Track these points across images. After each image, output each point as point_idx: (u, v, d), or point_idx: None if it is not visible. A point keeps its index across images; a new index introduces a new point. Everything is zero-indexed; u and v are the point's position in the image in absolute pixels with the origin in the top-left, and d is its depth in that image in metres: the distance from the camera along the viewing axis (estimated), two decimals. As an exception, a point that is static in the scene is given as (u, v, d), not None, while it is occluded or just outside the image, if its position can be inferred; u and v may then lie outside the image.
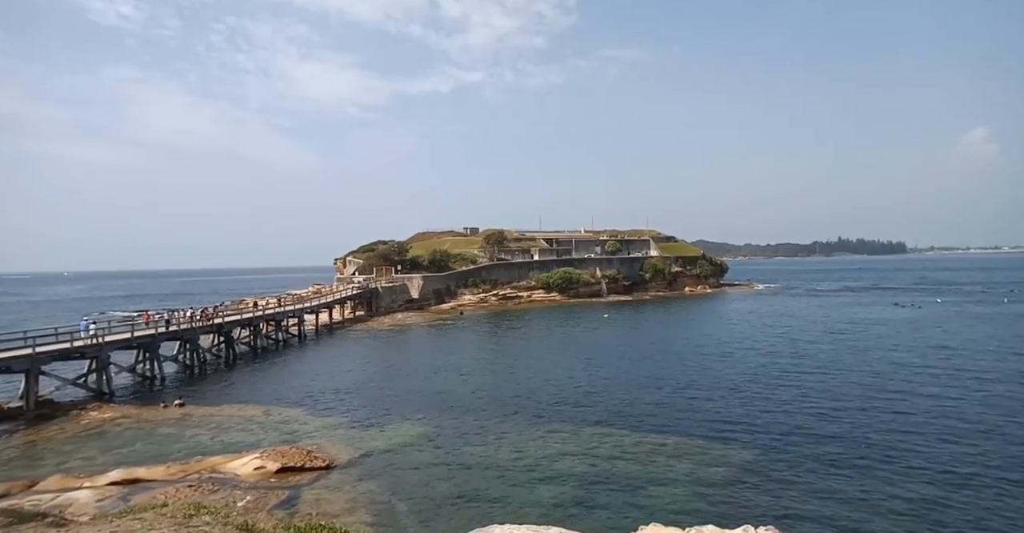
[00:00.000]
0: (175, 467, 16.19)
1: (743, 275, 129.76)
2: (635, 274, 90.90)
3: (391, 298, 68.36)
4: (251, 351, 40.76)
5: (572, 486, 15.21)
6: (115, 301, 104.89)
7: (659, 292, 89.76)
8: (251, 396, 26.62)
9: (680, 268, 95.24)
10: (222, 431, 20.66)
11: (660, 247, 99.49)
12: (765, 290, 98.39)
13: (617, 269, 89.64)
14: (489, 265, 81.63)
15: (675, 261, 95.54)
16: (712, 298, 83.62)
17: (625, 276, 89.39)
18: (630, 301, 79.75)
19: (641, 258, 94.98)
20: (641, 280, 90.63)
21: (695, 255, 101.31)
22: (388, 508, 13.67)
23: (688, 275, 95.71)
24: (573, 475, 15.98)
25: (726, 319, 56.41)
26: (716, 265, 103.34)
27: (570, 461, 17.11)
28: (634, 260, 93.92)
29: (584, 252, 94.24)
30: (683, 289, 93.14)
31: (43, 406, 23.87)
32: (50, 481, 15.04)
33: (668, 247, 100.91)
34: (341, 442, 19.09)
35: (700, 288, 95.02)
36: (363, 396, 26.47)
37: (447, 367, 33.60)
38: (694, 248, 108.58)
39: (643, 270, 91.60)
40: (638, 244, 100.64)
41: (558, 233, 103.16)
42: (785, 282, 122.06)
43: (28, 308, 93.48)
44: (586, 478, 15.77)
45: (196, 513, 5.48)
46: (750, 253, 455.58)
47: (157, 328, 32.43)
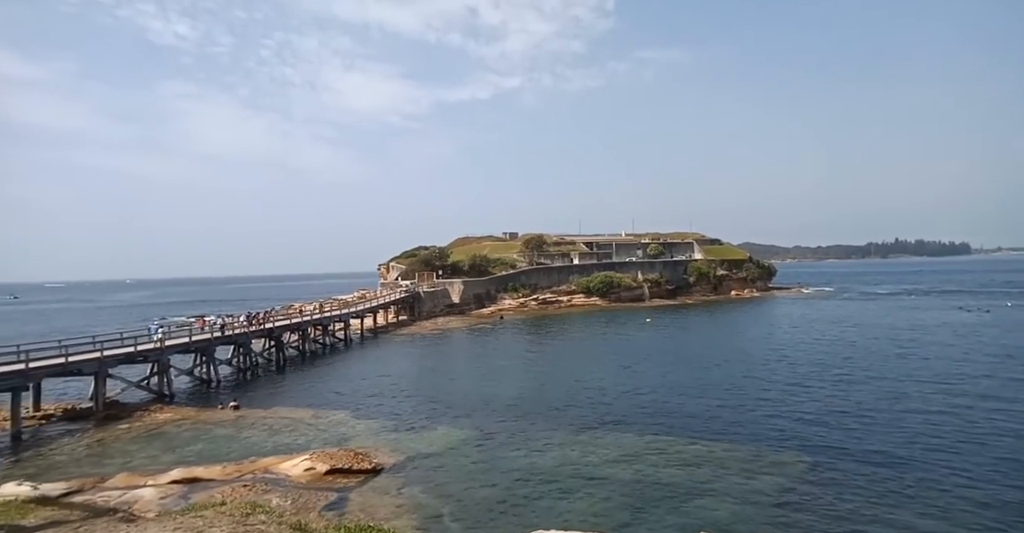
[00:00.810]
0: (231, 467, 16.82)
1: (793, 278, 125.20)
2: (678, 278, 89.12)
3: (433, 303, 69.28)
4: (300, 355, 42.03)
5: (618, 493, 14.97)
6: (173, 307, 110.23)
7: (704, 296, 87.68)
8: (300, 399, 27.40)
9: (726, 271, 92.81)
10: (274, 433, 21.34)
11: (704, 250, 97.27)
12: (816, 294, 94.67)
13: (659, 273, 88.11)
14: (529, 269, 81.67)
15: (720, 264, 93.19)
16: (760, 302, 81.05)
17: (668, 280, 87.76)
18: (673, 305, 78.19)
19: (684, 261, 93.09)
20: (685, 284, 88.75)
21: (741, 258, 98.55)
22: (433, 513, 13.79)
23: (734, 278, 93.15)
24: (619, 481, 15.73)
25: (775, 324, 54.55)
26: (763, 268, 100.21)
27: (615, 467, 16.85)
28: (677, 263, 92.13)
29: (625, 256, 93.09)
30: (729, 293, 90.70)
31: (110, 407, 25.25)
32: (118, 478, 15.90)
33: (713, 250, 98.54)
34: (387, 445, 19.40)
35: (747, 292, 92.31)
36: (407, 400, 26.86)
37: (489, 371, 33.73)
38: (740, 251, 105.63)
39: (687, 274, 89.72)
40: (681, 247, 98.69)
41: (598, 237, 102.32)
42: (838, 285, 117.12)
43: (95, 313, 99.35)
44: (632, 485, 15.49)
45: (252, 512, 5.65)
46: (799, 255, 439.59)
47: (212, 333, 33.89)
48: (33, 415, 23.94)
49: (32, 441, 21.10)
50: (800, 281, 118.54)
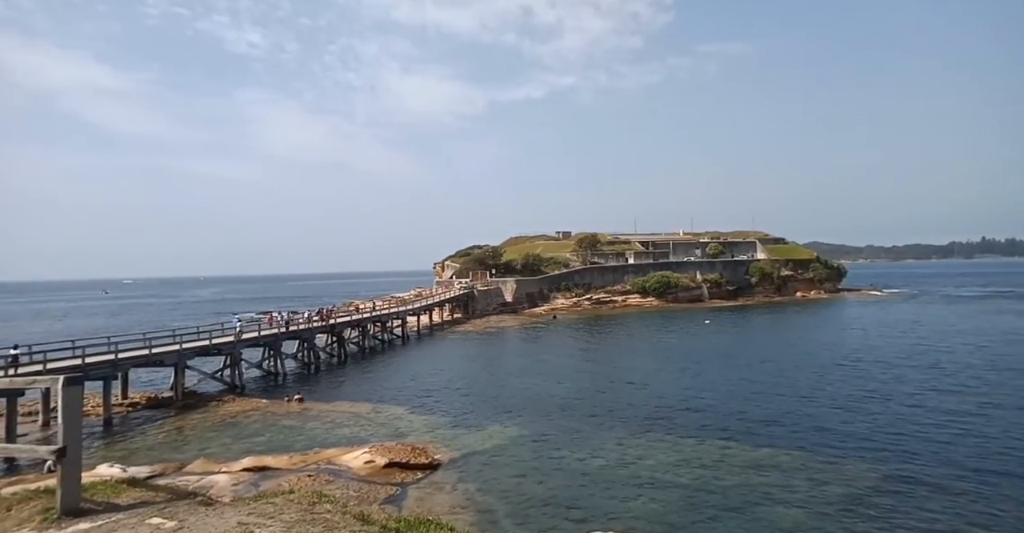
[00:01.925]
0: (296, 457, 17.61)
1: (865, 279, 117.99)
2: (740, 278, 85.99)
3: (486, 301, 69.97)
4: (360, 350, 43.47)
5: (677, 497, 14.62)
6: (242, 303, 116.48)
7: (767, 297, 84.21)
8: (360, 394, 28.33)
9: (790, 272, 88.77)
10: (336, 426, 22.17)
11: (768, 249, 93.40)
12: (892, 296, 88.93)
13: (719, 273, 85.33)
14: (582, 269, 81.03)
15: (784, 264, 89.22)
16: (828, 304, 76.98)
17: (728, 280, 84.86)
18: (734, 306, 75.50)
19: (746, 261, 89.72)
20: (746, 284, 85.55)
21: (807, 258, 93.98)
22: (489, 510, 13.92)
23: (800, 279, 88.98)
24: (676, 485, 15.36)
25: (845, 327, 51.66)
26: (832, 268, 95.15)
27: (672, 471, 16.46)
28: (738, 263, 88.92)
29: (683, 255, 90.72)
30: (794, 294, 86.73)
31: (188, 396, 27.00)
32: (195, 464, 16.99)
33: (777, 249, 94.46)
34: (443, 441, 19.75)
35: (814, 293, 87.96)
36: (463, 396, 27.25)
37: (542, 370, 33.72)
38: (806, 250, 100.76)
39: (748, 274, 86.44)
40: (743, 246, 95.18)
41: (654, 236, 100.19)
42: (917, 287, 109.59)
43: (175, 308, 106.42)
44: (691, 489, 15.09)
45: (318, 501, 5.86)
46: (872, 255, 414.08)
47: (279, 328, 35.59)
48: (121, 402, 25.91)
49: (120, 426, 22.86)
50: (873, 282, 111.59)
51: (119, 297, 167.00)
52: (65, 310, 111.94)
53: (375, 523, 5.49)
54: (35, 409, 23.70)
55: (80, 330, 60.07)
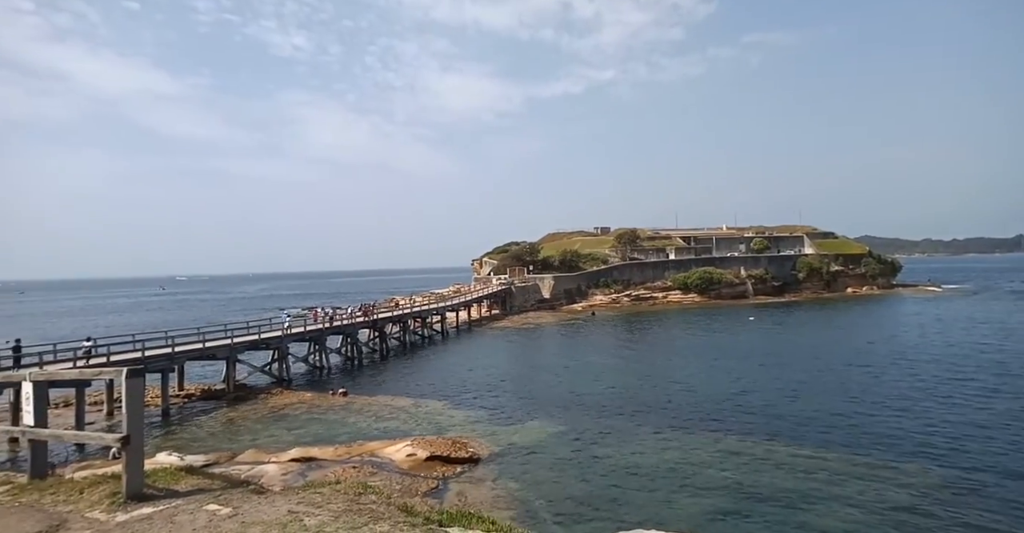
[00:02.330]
0: (341, 449, 18.11)
1: (921, 275, 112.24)
2: (786, 274, 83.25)
3: (524, 298, 70.04)
4: (401, 345, 44.29)
5: (720, 496, 14.33)
6: (288, 299, 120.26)
7: (815, 294, 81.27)
8: (402, 388, 28.86)
9: (840, 267, 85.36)
10: (378, 419, 22.67)
11: (816, 244, 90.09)
12: (951, 292, 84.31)
13: (764, 268, 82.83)
14: (621, 265, 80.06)
15: (834, 259, 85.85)
16: (881, 300, 73.66)
17: (774, 276, 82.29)
18: (780, 303, 73.18)
19: (793, 256, 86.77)
20: (793, 280, 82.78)
21: (859, 252, 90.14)
22: (529, 505, 13.98)
23: (850, 275, 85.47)
24: (720, 485, 15.05)
25: (899, 324, 49.33)
26: (886, 263, 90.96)
27: (716, 470, 16.13)
28: (785, 259, 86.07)
29: (726, 251, 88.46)
30: (844, 290, 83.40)
31: (239, 389, 28.12)
32: (247, 454, 17.71)
33: (826, 244, 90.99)
34: (482, 436, 19.93)
35: (866, 289, 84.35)
36: (502, 392, 27.40)
37: (581, 367, 33.55)
38: (857, 245, 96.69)
39: (795, 269, 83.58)
40: (789, 241, 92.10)
41: (696, 231, 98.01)
42: (979, 282, 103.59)
43: (226, 304, 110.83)
44: (735, 489, 14.76)
45: (364, 492, 6.01)
46: (929, 250, 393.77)
47: (324, 323, 36.61)
48: (178, 394, 27.22)
49: (177, 417, 24.02)
50: (931, 278, 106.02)
51: (174, 293, 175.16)
52: (125, 305, 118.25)
53: (418, 514, 5.59)
54: (100, 399, 25.17)
55: (139, 325, 63.35)
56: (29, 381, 6.47)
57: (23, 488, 6.05)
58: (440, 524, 5.77)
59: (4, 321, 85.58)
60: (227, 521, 4.67)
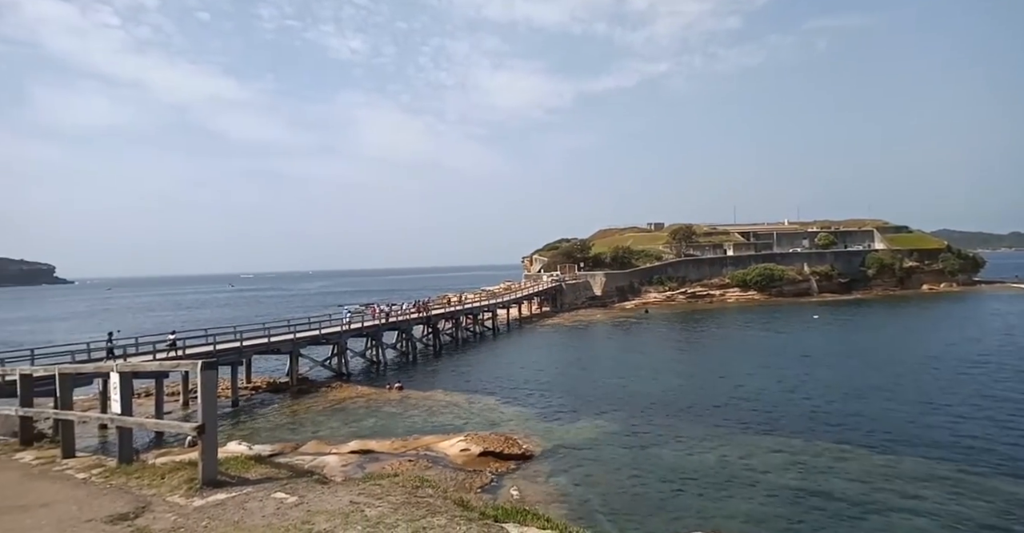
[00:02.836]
0: (397, 443, 18.59)
1: (1007, 270, 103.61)
2: (854, 270, 78.89)
3: (574, 295, 69.57)
4: (452, 341, 44.96)
5: (780, 500, 13.78)
6: (346, 296, 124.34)
7: (886, 291, 76.63)
8: (455, 383, 29.30)
9: (915, 263, 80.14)
10: (432, 414, 23.12)
11: (887, 239, 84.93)
12: (1043, 289, 77.41)
13: (830, 264, 78.81)
14: (676, 261, 78.11)
15: (908, 254, 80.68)
16: (960, 298, 68.61)
17: (841, 272, 78.14)
18: (847, 301, 69.47)
19: (862, 251, 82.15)
20: (862, 277, 78.34)
21: (936, 247, 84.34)
22: (583, 503, 13.90)
23: (926, 271, 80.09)
24: (781, 488, 14.47)
25: (981, 325, 45.78)
26: (966, 258, 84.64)
27: (776, 473, 15.51)
28: (852, 254, 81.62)
29: (788, 246, 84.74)
30: (919, 287, 78.25)
31: (302, 382, 29.33)
32: (309, 445, 18.47)
33: (898, 239, 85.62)
34: (535, 432, 19.95)
35: (944, 286, 78.84)
36: (554, 389, 27.34)
37: (634, 365, 33.00)
38: (934, 239, 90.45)
39: (864, 265, 79.06)
40: (857, 236, 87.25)
41: (755, 226, 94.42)
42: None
43: (288, 300, 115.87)
44: (797, 493, 14.15)
45: (421, 485, 6.13)
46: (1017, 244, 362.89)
47: (380, 319, 37.66)
48: (246, 386, 28.67)
49: (245, 408, 25.33)
50: (1019, 274, 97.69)
51: (241, 290, 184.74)
52: (198, 301, 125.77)
53: (474, 509, 5.64)
54: (176, 390, 26.87)
55: (211, 320, 67.15)
56: (116, 372, 6.98)
57: (113, 471, 6.54)
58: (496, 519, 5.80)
59: (95, 315, 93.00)
60: (293, 509, 4.88)
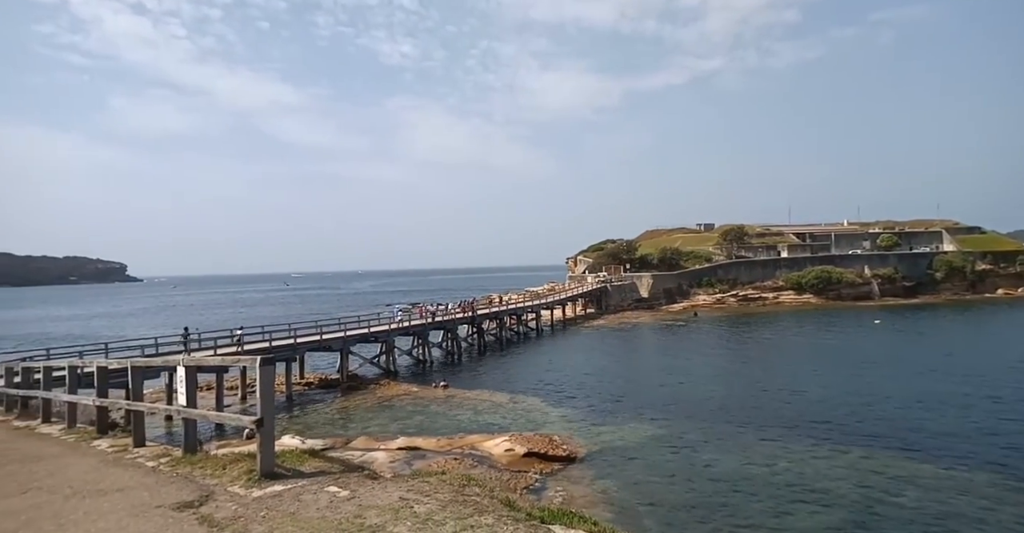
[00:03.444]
0: (443, 441, 18.83)
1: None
2: (920, 273, 74.56)
3: (620, 297, 68.64)
4: (496, 341, 45.20)
5: (840, 511, 13.15)
6: (394, 295, 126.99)
7: (956, 295, 72.05)
8: (499, 383, 29.43)
9: (989, 265, 75.01)
10: (477, 413, 23.30)
11: (958, 240, 79.88)
12: None
13: (894, 267, 74.76)
14: (726, 263, 75.90)
15: (981, 257, 75.57)
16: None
17: (905, 275, 74.01)
18: (912, 305, 65.72)
19: (928, 254, 77.57)
20: (929, 280, 73.95)
21: (1013, 249, 78.66)
22: (629, 508, 13.68)
23: (1002, 274, 74.87)
24: (840, 499, 13.81)
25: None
26: (1049, 261, 78.42)
27: (837, 484, 14.81)
28: (918, 256, 77.16)
29: (847, 248, 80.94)
30: (994, 291, 73.22)
31: (351, 379, 30.16)
32: (358, 441, 18.97)
33: (970, 240, 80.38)
34: (579, 435, 19.79)
35: (1021, 291, 73.34)
36: (598, 391, 27.06)
37: (682, 369, 32.26)
38: (1012, 241, 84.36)
39: (932, 268, 74.58)
40: (924, 237, 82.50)
41: (812, 227, 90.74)
42: None
43: (339, 299, 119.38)
44: (858, 504, 13.47)
45: (468, 484, 6.17)
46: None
47: (427, 319, 38.28)
48: (299, 381, 29.72)
49: (299, 403, 26.25)
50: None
51: (295, 289, 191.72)
52: (255, 299, 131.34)
53: (521, 510, 5.63)
54: (235, 384, 28.13)
55: (267, 317, 69.95)
56: (182, 366, 7.37)
57: (178, 461, 6.91)
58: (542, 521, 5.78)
59: (163, 311, 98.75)
60: (346, 503, 5.01)
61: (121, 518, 4.97)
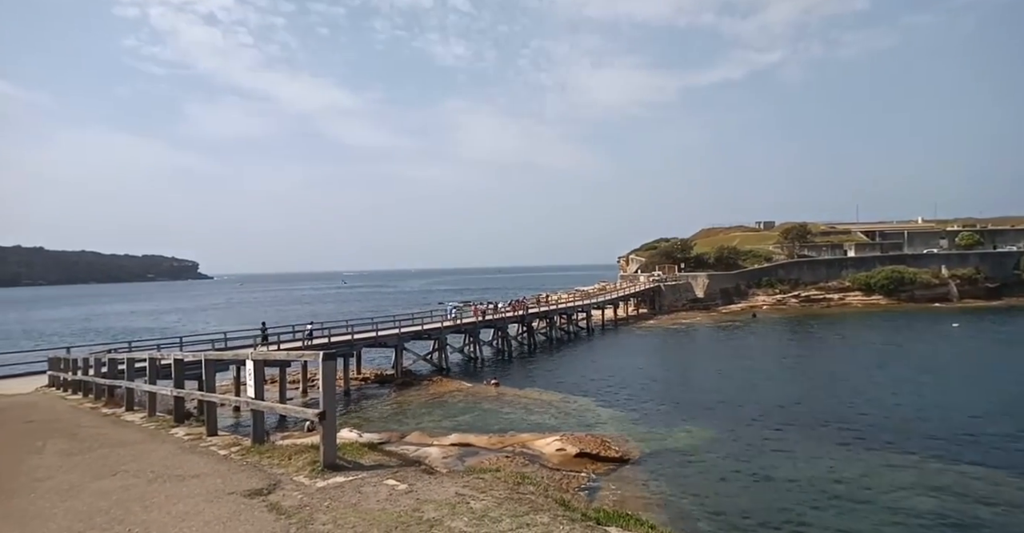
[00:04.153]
0: (495, 438, 18.96)
1: None
2: (1006, 273, 69.05)
3: (674, 297, 67.05)
4: (547, 341, 45.11)
5: (911, 525, 12.35)
6: (448, 293, 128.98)
7: (1047, 297, 66.17)
8: (550, 382, 29.36)
9: (1086, 265, 68.46)
10: (528, 412, 23.33)
11: (1049, 237, 73.37)
12: None
13: (975, 267, 69.52)
14: (788, 262, 72.75)
15: (1076, 255, 69.09)
16: None
17: (988, 276, 68.68)
18: (996, 308, 60.99)
19: (1016, 253, 71.68)
20: (1016, 281, 68.34)
21: (1116, 246, 71.47)
22: (684, 512, 13.35)
23: (1102, 274, 68.14)
24: (911, 512, 12.98)
25: None
26: None
27: (909, 495, 13.95)
28: (1004, 256, 71.45)
29: (922, 246, 75.98)
30: (1093, 294, 66.72)
31: (405, 375, 30.87)
32: (413, 436, 19.38)
33: (1063, 236, 73.66)
34: (632, 436, 19.48)
35: None
36: (651, 393, 26.55)
37: (740, 372, 31.18)
38: (1113, 236, 76.70)
39: (1019, 268, 68.87)
40: (1010, 235, 76.36)
41: (882, 224, 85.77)
42: None
43: (394, 297, 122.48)
44: (934, 521, 12.59)
45: (522, 482, 6.18)
46: None
47: (478, 317, 38.68)
48: (356, 377, 30.68)
49: (355, 397, 27.11)
50: None
51: (353, 287, 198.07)
52: (315, 297, 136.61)
53: (576, 510, 5.60)
54: (296, 378, 29.35)
55: (325, 314, 72.58)
56: (251, 360, 7.76)
57: (248, 450, 7.28)
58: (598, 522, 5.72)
59: (233, 307, 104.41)
60: (404, 496, 5.13)
61: (198, 503, 5.28)
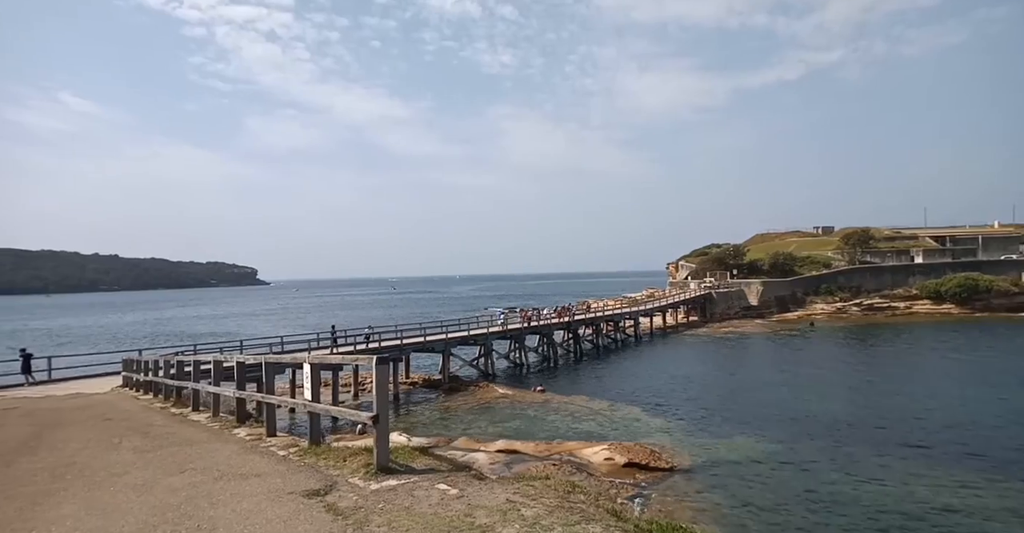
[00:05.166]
0: (541, 446, 18.87)
1: None
2: (1094, 280, 63.48)
3: (726, 304, 65.05)
4: (593, 348, 44.61)
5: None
6: (492, 300, 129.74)
7: None
8: (596, 390, 29.00)
9: None
10: (575, 419, 23.11)
11: None
12: None
13: (1058, 273, 64.28)
14: (848, 269, 69.38)
15: None
16: None
17: (1074, 283, 63.36)
18: (1085, 318, 56.05)
19: (1105, 257, 65.84)
20: (1107, 288, 62.74)
21: None
22: (737, 526, 12.89)
23: None
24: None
25: None
26: None
27: (984, 518, 12.97)
28: (1091, 260, 65.75)
29: (998, 252, 70.93)
30: None
31: (452, 380, 31.18)
32: (460, 441, 19.54)
33: None
34: (682, 446, 18.99)
35: None
36: (702, 402, 25.82)
37: (796, 383, 29.90)
38: None
39: (1110, 274, 63.23)
40: (1098, 237, 70.17)
41: (953, 229, 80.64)
42: None
43: (440, 303, 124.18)
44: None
45: (572, 491, 6.14)
46: None
47: (523, 323, 38.70)
48: (405, 381, 31.25)
49: (404, 401, 27.58)
50: None
51: (402, 292, 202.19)
52: (366, 302, 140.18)
53: (628, 520, 5.52)
54: (348, 381, 30.16)
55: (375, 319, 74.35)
56: (308, 363, 8.05)
57: (305, 451, 7.54)
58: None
59: (290, 312, 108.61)
60: (455, 501, 5.19)
61: (260, 501, 5.51)
